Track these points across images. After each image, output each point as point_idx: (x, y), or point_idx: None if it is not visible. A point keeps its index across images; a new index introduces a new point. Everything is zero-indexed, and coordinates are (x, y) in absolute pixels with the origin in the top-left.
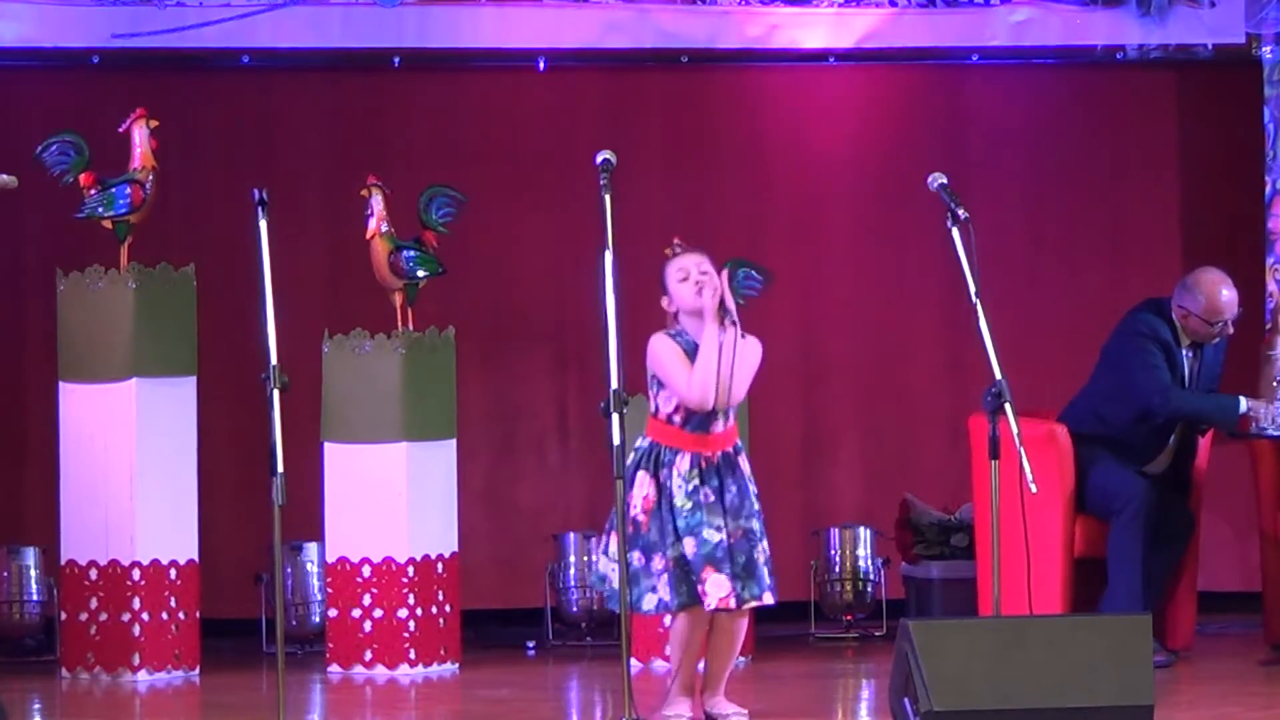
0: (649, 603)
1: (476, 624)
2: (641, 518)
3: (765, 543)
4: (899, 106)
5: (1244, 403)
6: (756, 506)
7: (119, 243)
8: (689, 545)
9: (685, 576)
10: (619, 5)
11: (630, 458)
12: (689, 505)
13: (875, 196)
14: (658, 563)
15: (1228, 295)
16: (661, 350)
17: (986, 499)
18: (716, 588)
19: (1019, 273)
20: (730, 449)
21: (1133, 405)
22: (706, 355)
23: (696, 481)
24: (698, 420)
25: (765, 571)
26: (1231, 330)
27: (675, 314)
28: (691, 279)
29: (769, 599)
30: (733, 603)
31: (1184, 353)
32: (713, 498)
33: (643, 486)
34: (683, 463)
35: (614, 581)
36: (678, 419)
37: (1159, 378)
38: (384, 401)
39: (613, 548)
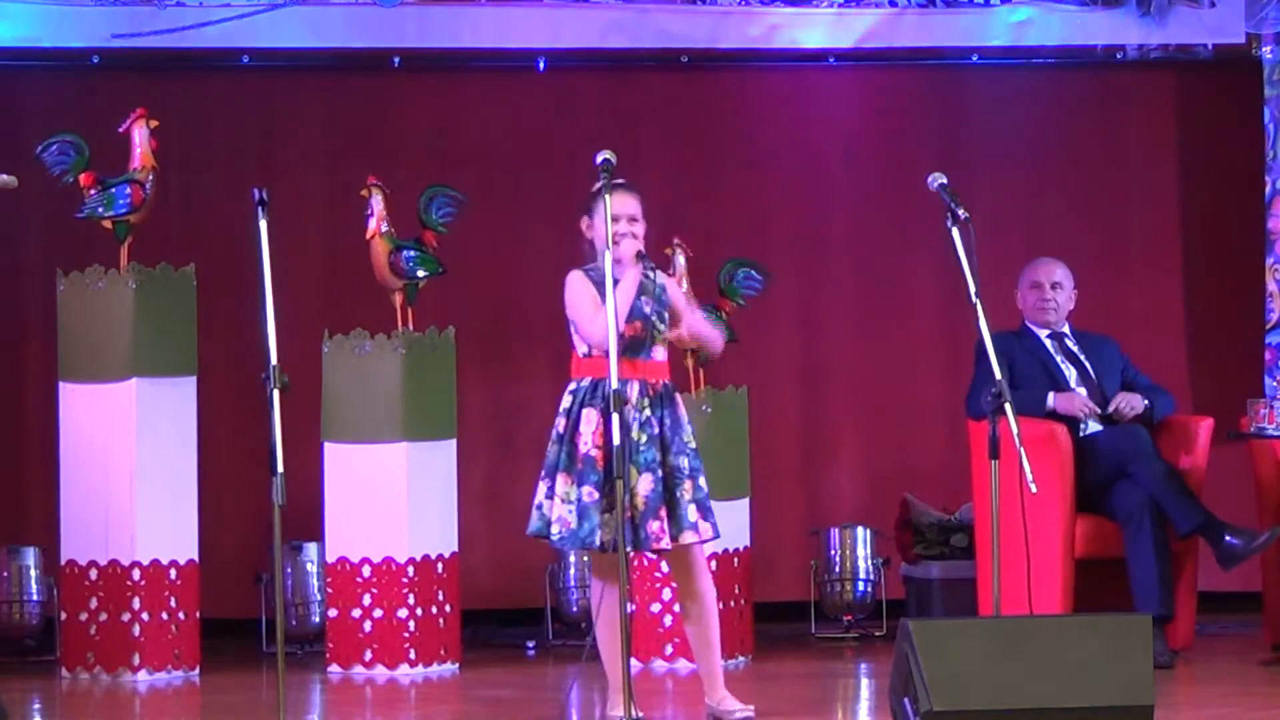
0: (600, 537)
1: (476, 624)
2: (595, 453)
3: (699, 480)
4: (899, 106)
5: (1051, 398)
6: (692, 445)
7: (119, 243)
8: (645, 483)
9: (636, 519)
10: (619, 5)
11: (565, 400)
12: (644, 439)
13: (875, 197)
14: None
15: (1044, 264)
16: (574, 288)
17: (986, 499)
18: (661, 529)
19: (1019, 272)
20: (669, 382)
21: None
22: (617, 301)
23: (647, 412)
24: (638, 345)
25: (690, 509)
26: (1072, 304)
27: (591, 241)
28: (619, 227)
29: (690, 537)
30: (666, 543)
31: (1042, 343)
32: (658, 429)
33: (591, 422)
34: (632, 392)
35: (571, 524)
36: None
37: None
38: (384, 401)
39: (559, 488)
